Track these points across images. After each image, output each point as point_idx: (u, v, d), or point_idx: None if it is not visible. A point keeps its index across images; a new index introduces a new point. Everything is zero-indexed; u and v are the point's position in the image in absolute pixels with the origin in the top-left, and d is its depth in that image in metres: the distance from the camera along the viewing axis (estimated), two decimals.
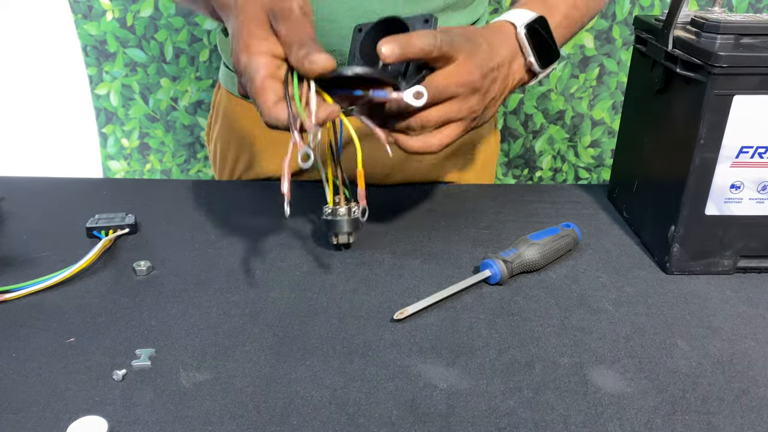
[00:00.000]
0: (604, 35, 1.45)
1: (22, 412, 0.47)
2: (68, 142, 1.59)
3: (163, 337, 0.56)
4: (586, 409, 0.48)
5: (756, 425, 0.47)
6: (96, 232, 0.71)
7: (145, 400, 0.49)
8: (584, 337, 0.57)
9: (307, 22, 0.52)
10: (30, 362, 0.53)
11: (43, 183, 0.87)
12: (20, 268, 0.66)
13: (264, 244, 0.72)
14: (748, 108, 0.59)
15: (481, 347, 0.55)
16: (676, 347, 0.55)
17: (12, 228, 0.75)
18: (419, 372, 0.52)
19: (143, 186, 0.90)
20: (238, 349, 0.54)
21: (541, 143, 1.57)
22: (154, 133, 1.56)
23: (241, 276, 0.66)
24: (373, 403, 0.49)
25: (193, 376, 0.51)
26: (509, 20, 0.63)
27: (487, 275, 0.63)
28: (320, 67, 0.50)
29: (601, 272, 0.67)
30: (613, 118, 1.54)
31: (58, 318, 0.58)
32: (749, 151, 0.61)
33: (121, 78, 1.49)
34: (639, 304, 0.62)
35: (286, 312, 0.60)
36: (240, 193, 0.85)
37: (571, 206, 0.82)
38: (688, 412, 0.48)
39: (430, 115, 0.55)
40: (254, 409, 0.48)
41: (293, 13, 0.51)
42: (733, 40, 0.60)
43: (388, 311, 0.59)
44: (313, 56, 0.50)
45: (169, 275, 0.66)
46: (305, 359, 0.53)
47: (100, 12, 1.42)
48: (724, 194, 0.63)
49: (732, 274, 0.67)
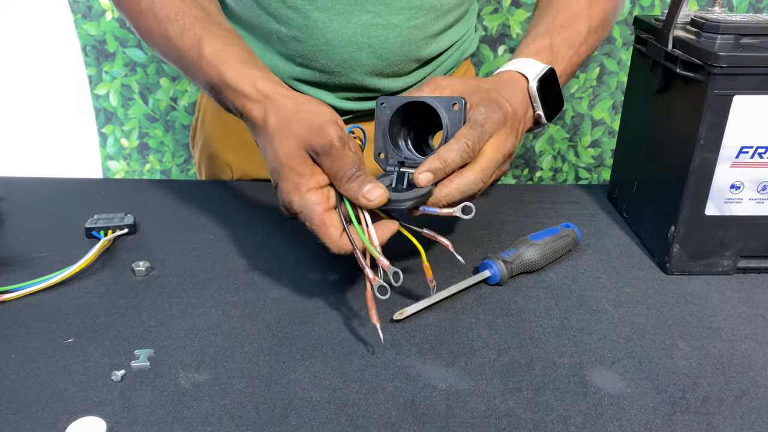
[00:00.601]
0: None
1: (20, 413, 0.47)
2: (68, 142, 1.59)
3: (162, 338, 0.56)
4: (586, 409, 0.48)
5: (756, 425, 0.47)
6: (95, 232, 0.71)
7: (143, 401, 0.48)
8: (584, 337, 0.57)
9: (349, 152, 0.53)
10: (29, 363, 0.53)
11: (42, 183, 0.87)
12: (19, 269, 0.66)
13: (263, 244, 0.72)
14: (748, 108, 0.59)
15: (480, 348, 0.55)
16: (676, 348, 0.55)
17: (11, 228, 0.75)
18: (419, 372, 0.52)
19: (142, 186, 0.90)
20: (237, 350, 0.54)
21: (541, 143, 1.57)
22: (154, 133, 1.56)
23: (240, 276, 0.65)
24: (373, 403, 0.49)
25: (192, 377, 0.51)
26: (521, 72, 0.63)
27: (487, 276, 0.63)
28: (376, 203, 0.52)
29: (600, 272, 0.67)
30: (613, 118, 1.54)
31: (57, 318, 0.58)
32: (749, 151, 0.61)
33: (120, 78, 1.49)
34: (639, 305, 0.61)
35: (285, 312, 0.60)
36: (239, 194, 0.85)
37: (571, 206, 0.82)
38: (687, 413, 0.48)
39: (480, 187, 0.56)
40: (253, 410, 0.48)
41: (334, 147, 0.52)
42: (733, 40, 0.60)
43: (388, 312, 0.59)
44: (368, 190, 0.52)
45: (168, 276, 0.65)
46: (304, 360, 0.53)
47: (99, 12, 1.42)
48: (724, 194, 0.63)
49: (732, 275, 0.67)
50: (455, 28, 0.84)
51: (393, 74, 0.81)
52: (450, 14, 0.80)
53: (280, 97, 0.57)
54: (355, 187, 0.52)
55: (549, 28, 0.68)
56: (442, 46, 0.83)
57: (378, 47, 0.77)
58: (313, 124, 0.53)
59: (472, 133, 0.54)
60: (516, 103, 0.60)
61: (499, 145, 0.57)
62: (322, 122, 0.53)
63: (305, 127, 0.53)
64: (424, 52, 0.81)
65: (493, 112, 0.56)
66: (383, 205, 0.52)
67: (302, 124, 0.54)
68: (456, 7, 0.80)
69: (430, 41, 0.80)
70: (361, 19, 0.75)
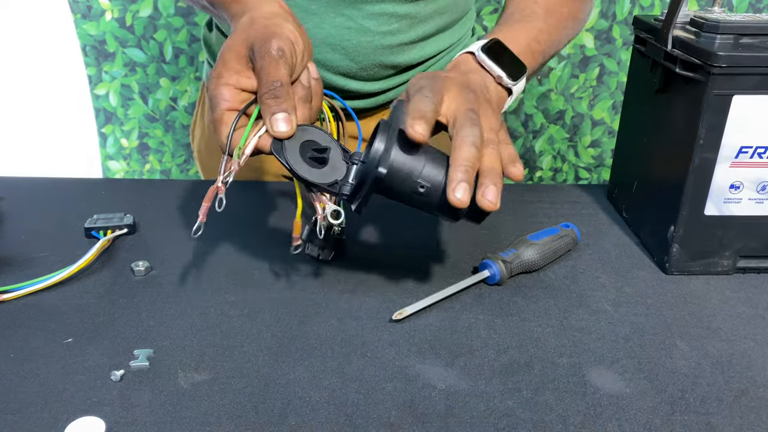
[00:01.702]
0: (604, 35, 1.45)
1: (20, 413, 0.47)
2: (68, 142, 1.59)
3: (161, 338, 0.56)
4: (585, 409, 0.48)
5: (755, 425, 0.47)
6: (94, 232, 0.71)
7: (143, 401, 0.48)
8: (583, 337, 0.57)
9: (281, 68, 0.51)
10: (28, 362, 0.53)
11: (41, 183, 0.87)
12: (18, 268, 0.66)
13: (263, 244, 0.72)
14: (748, 108, 0.59)
15: (480, 348, 0.55)
16: (676, 347, 0.55)
17: (11, 228, 0.75)
18: (418, 372, 0.52)
19: (142, 186, 0.90)
20: (236, 350, 0.54)
21: (541, 143, 1.57)
22: (154, 133, 1.56)
23: (239, 276, 0.65)
24: (372, 403, 0.49)
25: (191, 377, 0.51)
26: (466, 51, 0.64)
27: (486, 275, 0.63)
28: (279, 134, 0.51)
29: (600, 272, 0.67)
30: (613, 118, 1.54)
31: (56, 318, 0.58)
32: (749, 151, 0.61)
33: (120, 78, 1.49)
34: (638, 305, 0.61)
35: (284, 312, 0.60)
36: (239, 194, 0.85)
37: (571, 206, 0.82)
38: (687, 413, 0.48)
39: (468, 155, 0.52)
40: (252, 410, 0.48)
41: (269, 54, 0.51)
42: (733, 40, 0.60)
43: (387, 312, 0.59)
44: (276, 118, 0.51)
45: (167, 275, 0.65)
46: (304, 360, 0.53)
47: (99, 12, 1.42)
48: (724, 194, 0.63)
49: (731, 275, 0.67)
50: (441, 36, 0.84)
51: (368, 78, 0.81)
52: (429, 23, 0.80)
53: (264, 3, 0.56)
54: (272, 105, 0.50)
55: (500, 23, 0.70)
56: (425, 54, 0.83)
57: (351, 50, 0.77)
58: (268, 29, 0.52)
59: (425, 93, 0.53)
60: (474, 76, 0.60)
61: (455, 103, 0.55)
62: (276, 31, 0.52)
63: (259, 30, 0.53)
64: (401, 59, 0.81)
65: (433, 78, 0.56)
66: (282, 137, 0.51)
67: (260, 26, 0.53)
68: (436, 16, 0.80)
69: (407, 48, 0.80)
70: (334, 21, 0.76)
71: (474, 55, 0.63)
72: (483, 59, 0.62)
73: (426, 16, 0.79)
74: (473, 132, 0.52)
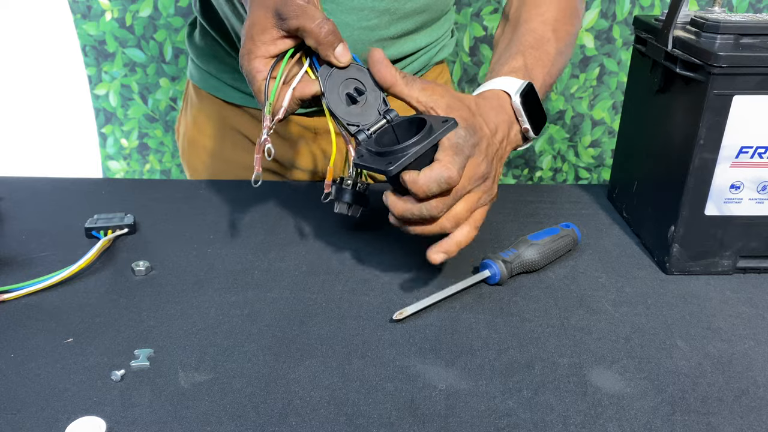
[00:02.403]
0: (604, 35, 1.45)
1: (20, 413, 0.47)
2: (67, 142, 1.59)
3: (161, 338, 0.56)
4: (586, 409, 0.48)
5: (755, 426, 0.47)
6: (95, 232, 0.71)
7: (143, 401, 0.48)
8: (584, 337, 0.57)
9: (315, 9, 0.55)
10: (28, 362, 0.53)
11: (42, 183, 0.87)
12: (19, 268, 0.66)
13: (263, 244, 0.72)
14: (748, 108, 0.59)
15: (480, 347, 0.55)
16: (676, 347, 0.55)
17: (11, 228, 0.75)
18: (418, 372, 0.52)
19: (142, 186, 0.90)
20: (236, 350, 0.54)
21: (541, 143, 1.57)
22: (154, 133, 1.56)
23: (240, 276, 0.65)
24: (372, 403, 0.49)
25: (191, 377, 0.51)
26: (503, 89, 0.64)
27: (487, 275, 0.63)
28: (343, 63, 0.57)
29: (600, 272, 0.67)
30: (613, 118, 1.54)
31: (57, 318, 0.58)
32: (749, 151, 0.61)
33: (120, 78, 1.49)
34: (638, 305, 0.61)
35: (285, 312, 0.60)
36: (239, 193, 0.85)
37: (571, 206, 0.82)
38: (687, 413, 0.48)
39: (458, 211, 0.57)
40: (253, 410, 0.48)
41: (298, 6, 0.54)
42: (733, 40, 0.60)
43: (387, 312, 0.59)
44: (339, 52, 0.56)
45: (167, 275, 0.65)
46: (304, 360, 0.53)
47: (99, 12, 1.42)
48: (724, 194, 0.63)
49: (731, 275, 0.67)
50: (421, 34, 0.84)
51: None
52: (409, 20, 0.80)
53: None
54: (333, 41, 0.55)
55: (520, 49, 0.69)
56: (405, 51, 0.83)
57: None
58: None
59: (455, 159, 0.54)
60: (495, 123, 0.61)
61: (472, 168, 0.57)
62: None
63: None
64: None
65: (471, 136, 0.56)
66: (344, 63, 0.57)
67: None
68: (415, 14, 0.80)
69: (386, 44, 0.80)
70: None
71: (509, 97, 0.63)
72: (518, 109, 0.63)
73: (405, 13, 0.79)
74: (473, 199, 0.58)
